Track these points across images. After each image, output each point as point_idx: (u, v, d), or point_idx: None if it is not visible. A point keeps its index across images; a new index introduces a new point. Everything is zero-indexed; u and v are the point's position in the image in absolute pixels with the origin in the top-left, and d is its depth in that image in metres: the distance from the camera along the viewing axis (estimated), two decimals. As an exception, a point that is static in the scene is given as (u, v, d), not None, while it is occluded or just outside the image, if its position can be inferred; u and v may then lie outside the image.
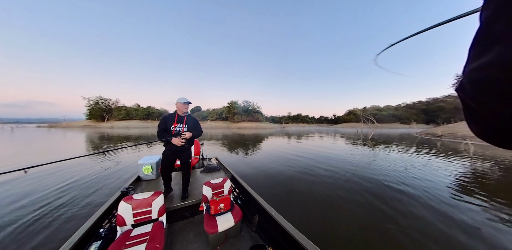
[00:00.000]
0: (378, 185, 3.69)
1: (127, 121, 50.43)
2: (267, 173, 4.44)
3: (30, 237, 1.97)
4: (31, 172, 3.80)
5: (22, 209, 2.60)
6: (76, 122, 51.66)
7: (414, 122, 60.02)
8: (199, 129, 2.08)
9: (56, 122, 65.20)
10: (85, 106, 53.11)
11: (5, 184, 3.63)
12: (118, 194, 1.80)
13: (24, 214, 2.45)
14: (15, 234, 2.02)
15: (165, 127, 1.93)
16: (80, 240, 1.12)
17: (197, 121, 2.13)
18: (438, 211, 2.61)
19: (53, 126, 44.74)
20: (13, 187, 3.48)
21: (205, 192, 1.72)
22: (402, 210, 2.63)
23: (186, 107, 1.98)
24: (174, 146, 1.87)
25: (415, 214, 2.53)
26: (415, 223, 2.30)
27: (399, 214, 2.50)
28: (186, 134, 1.87)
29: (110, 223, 1.52)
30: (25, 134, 20.47)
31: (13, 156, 6.83)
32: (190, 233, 1.68)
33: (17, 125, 67.27)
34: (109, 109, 54.70)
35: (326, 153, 7.64)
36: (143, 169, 2.51)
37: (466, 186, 3.74)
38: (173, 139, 1.83)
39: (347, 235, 2.05)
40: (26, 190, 3.28)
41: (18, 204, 2.74)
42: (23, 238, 1.95)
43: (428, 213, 2.56)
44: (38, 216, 2.39)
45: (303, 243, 1.08)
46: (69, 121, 54.49)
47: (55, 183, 3.63)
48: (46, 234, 2.01)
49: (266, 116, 71.60)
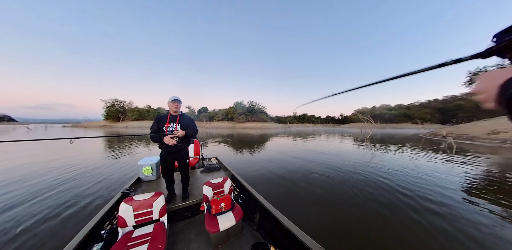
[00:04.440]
0: (377, 183, 3.75)
1: (140, 121, 53.40)
2: (267, 171, 4.51)
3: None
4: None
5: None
6: (95, 123, 56.51)
7: (423, 122, 56.76)
8: (193, 128, 1.99)
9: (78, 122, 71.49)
10: (102, 108, 57.71)
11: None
12: (118, 195, 1.81)
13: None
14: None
15: (157, 128, 1.86)
16: (82, 242, 1.12)
17: (191, 120, 2.04)
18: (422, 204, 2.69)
19: (76, 126, 49.61)
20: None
21: (205, 191, 1.72)
22: (400, 206, 2.73)
23: (176, 105, 1.88)
24: (170, 146, 1.81)
25: (413, 206, 2.65)
26: (415, 222, 2.27)
27: (398, 212, 2.56)
28: (178, 132, 1.78)
29: (111, 225, 1.52)
30: (57, 132, 23.73)
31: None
32: (192, 233, 1.69)
33: (46, 125, 75.03)
34: (124, 111, 58.20)
35: (323, 150, 8.26)
36: (143, 170, 2.50)
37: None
38: (164, 138, 1.76)
39: (348, 231, 2.07)
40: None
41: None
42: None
43: (420, 206, 2.65)
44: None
45: (304, 240, 1.09)
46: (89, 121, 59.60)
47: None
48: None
49: (271, 116, 71.78)
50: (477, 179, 4.24)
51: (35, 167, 4.91)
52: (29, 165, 5.13)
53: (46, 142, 10.83)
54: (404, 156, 7.08)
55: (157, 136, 1.81)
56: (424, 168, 5.15)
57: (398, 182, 3.88)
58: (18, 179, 3.93)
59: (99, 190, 3.33)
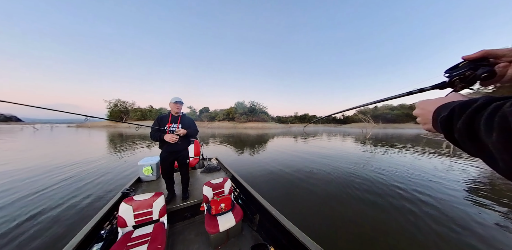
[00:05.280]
0: (374, 182, 3.82)
1: (142, 121, 54.21)
2: (268, 171, 4.53)
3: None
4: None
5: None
6: (99, 123, 57.57)
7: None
8: (194, 128, 2.02)
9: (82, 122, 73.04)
10: (106, 108, 58.62)
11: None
12: (118, 195, 1.80)
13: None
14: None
15: (158, 128, 1.88)
16: (82, 242, 1.12)
17: (192, 121, 2.07)
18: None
19: (80, 126, 50.78)
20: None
21: (205, 192, 1.72)
22: (398, 204, 2.80)
23: (178, 107, 1.92)
24: (170, 146, 1.83)
25: (407, 207, 2.67)
26: (415, 225, 2.24)
27: (397, 210, 2.62)
28: (180, 130, 1.80)
29: (111, 225, 1.51)
30: (63, 131, 24.81)
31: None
32: (192, 233, 1.68)
33: (52, 125, 77.00)
34: (126, 111, 58.87)
35: (320, 148, 8.63)
36: (143, 170, 2.50)
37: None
38: (165, 136, 1.77)
39: (349, 233, 2.05)
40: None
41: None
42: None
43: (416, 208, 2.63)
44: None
45: (304, 242, 1.08)
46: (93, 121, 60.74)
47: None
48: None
49: (272, 116, 71.74)
50: (478, 178, 4.28)
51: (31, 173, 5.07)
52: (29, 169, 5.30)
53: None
54: (406, 156, 7.10)
55: (157, 134, 1.81)
56: (426, 169, 5.14)
57: (399, 181, 3.90)
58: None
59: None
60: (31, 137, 15.52)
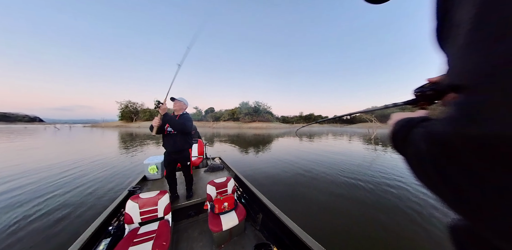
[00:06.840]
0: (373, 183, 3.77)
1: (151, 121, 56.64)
2: (271, 172, 4.53)
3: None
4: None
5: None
6: (111, 123, 61.25)
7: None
8: (182, 122, 1.86)
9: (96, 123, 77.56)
10: (117, 109, 61.75)
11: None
12: (125, 193, 1.85)
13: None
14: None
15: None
16: (91, 237, 1.16)
17: (188, 118, 1.98)
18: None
19: (95, 126, 54.70)
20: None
21: (209, 191, 1.74)
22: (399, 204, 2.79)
23: (174, 104, 1.91)
24: (170, 146, 1.87)
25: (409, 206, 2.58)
26: (418, 226, 2.18)
27: (396, 208, 2.63)
28: (164, 104, 1.72)
29: (118, 221, 1.56)
30: (81, 130, 27.61)
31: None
32: (195, 231, 1.70)
33: (70, 125, 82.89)
34: (136, 112, 62.01)
35: (322, 147, 8.87)
36: (149, 168, 2.55)
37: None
38: (153, 120, 1.77)
39: (350, 233, 2.04)
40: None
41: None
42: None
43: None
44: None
45: (306, 241, 1.09)
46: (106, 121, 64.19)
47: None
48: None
49: (276, 116, 71.57)
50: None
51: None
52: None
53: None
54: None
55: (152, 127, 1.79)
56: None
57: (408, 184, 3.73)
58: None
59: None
60: (58, 136, 17.23)
